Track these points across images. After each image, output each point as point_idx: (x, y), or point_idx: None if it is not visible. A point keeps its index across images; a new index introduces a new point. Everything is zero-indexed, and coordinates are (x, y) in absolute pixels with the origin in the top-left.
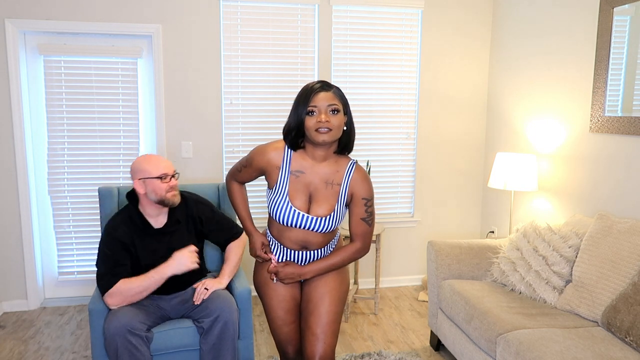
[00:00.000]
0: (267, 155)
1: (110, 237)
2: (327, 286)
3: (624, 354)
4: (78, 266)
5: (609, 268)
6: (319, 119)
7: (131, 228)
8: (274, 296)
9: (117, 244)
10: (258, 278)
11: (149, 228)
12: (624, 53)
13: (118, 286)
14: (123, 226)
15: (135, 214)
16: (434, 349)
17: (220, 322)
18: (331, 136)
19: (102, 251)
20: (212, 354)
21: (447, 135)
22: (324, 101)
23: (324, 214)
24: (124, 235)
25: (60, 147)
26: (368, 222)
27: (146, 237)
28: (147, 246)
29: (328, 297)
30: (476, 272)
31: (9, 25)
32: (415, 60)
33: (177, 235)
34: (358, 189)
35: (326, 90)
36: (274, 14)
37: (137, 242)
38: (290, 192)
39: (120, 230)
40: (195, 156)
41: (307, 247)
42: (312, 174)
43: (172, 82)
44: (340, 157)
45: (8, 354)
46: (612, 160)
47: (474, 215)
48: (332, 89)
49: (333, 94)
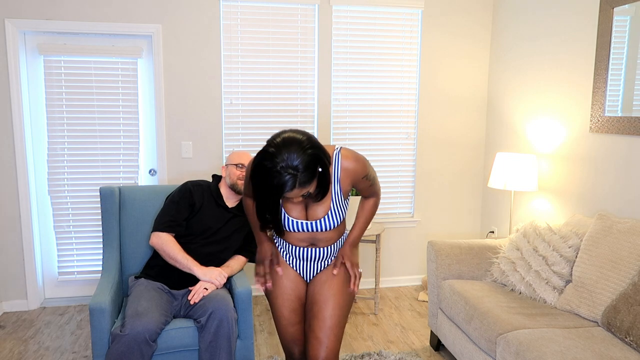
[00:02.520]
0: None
1: (185, 189)
2: (332, 289)
3: (624, 354)
4: (78, 266)
5: (609, 268)
6: (294, 200)
7: (206, 195)
8: (279, 295)
9: (188, 196)
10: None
11: (221, 200)
12: (624, 53)
13: (166, 237)
14: (200, 189)
15: (215, 188)
16: (434, 349)
17: (215, 320)
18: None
19: (172, 198)
20: (209, 352)
21: (447, 135)
22: (294, 196)
23: (322, 214)
24: (198, 195)
25: (60, 147)
26: (374, 183)
27: (214, 208)
28: (211, 214)
29: (332, 301)
30: (476, 272)
31: (9, 25)
32: (415, 60)
33: (237, 220)
34: (352, 174)
35: (296, 187)
36: (274, 14)
37: (204, 206)
38: (286, 205)
39: (197, 190)
40: (195, 156)
41: (316, 244)
42: None
43: (172, 82)
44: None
45: (8, 354)
46: (612, 160)
47: (474, 215)
48: (299, 185)
49: (300, 187)
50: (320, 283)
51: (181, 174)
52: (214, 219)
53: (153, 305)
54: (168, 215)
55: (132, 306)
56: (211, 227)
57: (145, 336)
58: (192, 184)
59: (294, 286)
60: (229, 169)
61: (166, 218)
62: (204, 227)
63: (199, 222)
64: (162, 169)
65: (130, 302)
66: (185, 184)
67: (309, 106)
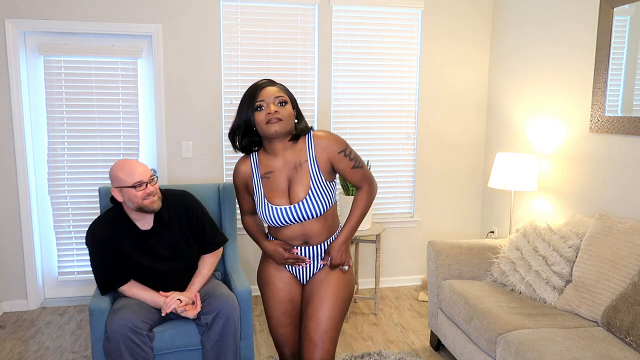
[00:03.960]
0: (239, 172)
1: (92, 239)
2: (329, 289)
3: (624, 354)
4: (78, 266)
5: (609, 268)
6: (268, 111)
7: (115, 229)
8: (272, 296)
9: (99, 245)
10: (261, 276)
11: (136, 229)
12: (624, 53)
13: (122, 289)
14: (105, 228)
15: (120, 216)
16: (434, 349)
17: (221, 319)
18: (282, 126)
19: (91, 256)
20: (215, 351)
21: (447, 135)
22: (270, 95)
23: (302, 196)
24: (107, 235)
25: (60, 147)
26: (359, 166)
27: (134, 238)
28: (136, 246)
29: (328, 302)
30: (476, 272)
31: (9, 25)
32: (415, 60)
33: (167, 234)
34: (327, 149)
35: (271, 85)
36: (274, 14)
37: (123, 242)
38: (267, 194)
39: (101, 232)
40: (195, 156)
41: (308, 241)
42: (281, 169)
43: (172, 82)
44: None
45: (8, 354)
46: (612, 160)
47: (474, 215)
48: (276, 85)
49: (279, 88)
50: (316, 284)
51: (181, 174)
52: (143, 251)
53: (132, 302)
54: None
55: (112, 309)
56: (152, 259)
57: (127, 326)
58: (93, 230)
59: (287, 289)
60: (125, 193)
61: (102, 278)
62: (142, 260)
63: (134, 257)
64: (162, 169)
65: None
66: (87, 232)
67: (309, 106)
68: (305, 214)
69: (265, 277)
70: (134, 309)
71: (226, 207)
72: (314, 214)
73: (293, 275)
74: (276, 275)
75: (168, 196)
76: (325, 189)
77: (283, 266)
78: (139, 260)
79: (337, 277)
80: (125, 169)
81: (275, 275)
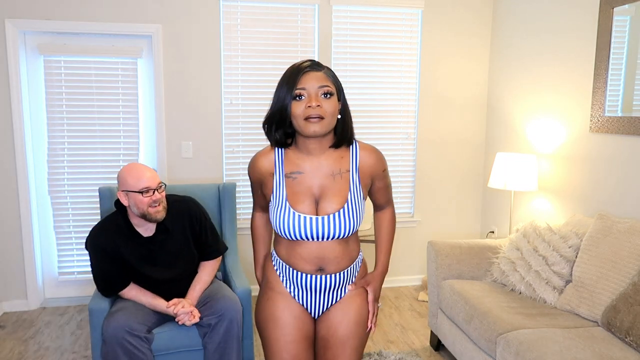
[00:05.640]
0: (257, 164)
1: (92, 246)
2: (348, 331)
3: (624, 354)
4: (78, 266)
5: (609, 268)
6: (308, 104)
7: (115, 235)
8: (279, 336)
9: (99, 252)
10: (263, 311)
11: (138, 237)
12: (624, 53)
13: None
14: (104, 234)
15: (122, 221)
16: (434, 349)
17: (225, 321)
18: (323, 126)
19: (91, 262)
20: (218, 353)
21: (447, 135)
22: (314, 82)
23: (336, 208)
24: (107, 242)
25: (60, 147)
26: (390, 188)
27: (135, 245)
28: (137, 253)
29: (350, 346)
30: (476, 272)
31: (9, 25)
32: (415, 60)
33: (169, 242)
34: (374, 165)
35: (316, 70)
36: (274, 14)
37: (123, 249)
38: (290, 197)
39: (101, 239)
40: (195, 156)
41: (324, 268)
42: (313, 172)
43: (172, 82)
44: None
45: (8, 354)
46: (612, 160)
47: (474, 215)
48: (323, 69)
49: (325, 74)
50: (334, 324)
51: (181, 174)
52: (143, 259)
53: (130, 304)
54: (99, 280)
55: (109, 312)
56: (153, 267)
57: (124, 329)
58: (92, 236)
59: (300, 325)
60: (131, 197)
61: (102, 286)
62: (142, 267)
63: (135, 266)
64: (162, 169)
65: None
66: (87, 239)
67: None
68: (332, 231)
69: (270, 312)
70: (131, 311)
71: (226, 207)
72: (342, 232)
73: (304, 307)
74: (285, 307)
75: (172, 202)
76: (361, 207)
77: (290, 295)
78: (138, 267)
79: (357, 316)
80: (134, 174)
81: (283, 307)
